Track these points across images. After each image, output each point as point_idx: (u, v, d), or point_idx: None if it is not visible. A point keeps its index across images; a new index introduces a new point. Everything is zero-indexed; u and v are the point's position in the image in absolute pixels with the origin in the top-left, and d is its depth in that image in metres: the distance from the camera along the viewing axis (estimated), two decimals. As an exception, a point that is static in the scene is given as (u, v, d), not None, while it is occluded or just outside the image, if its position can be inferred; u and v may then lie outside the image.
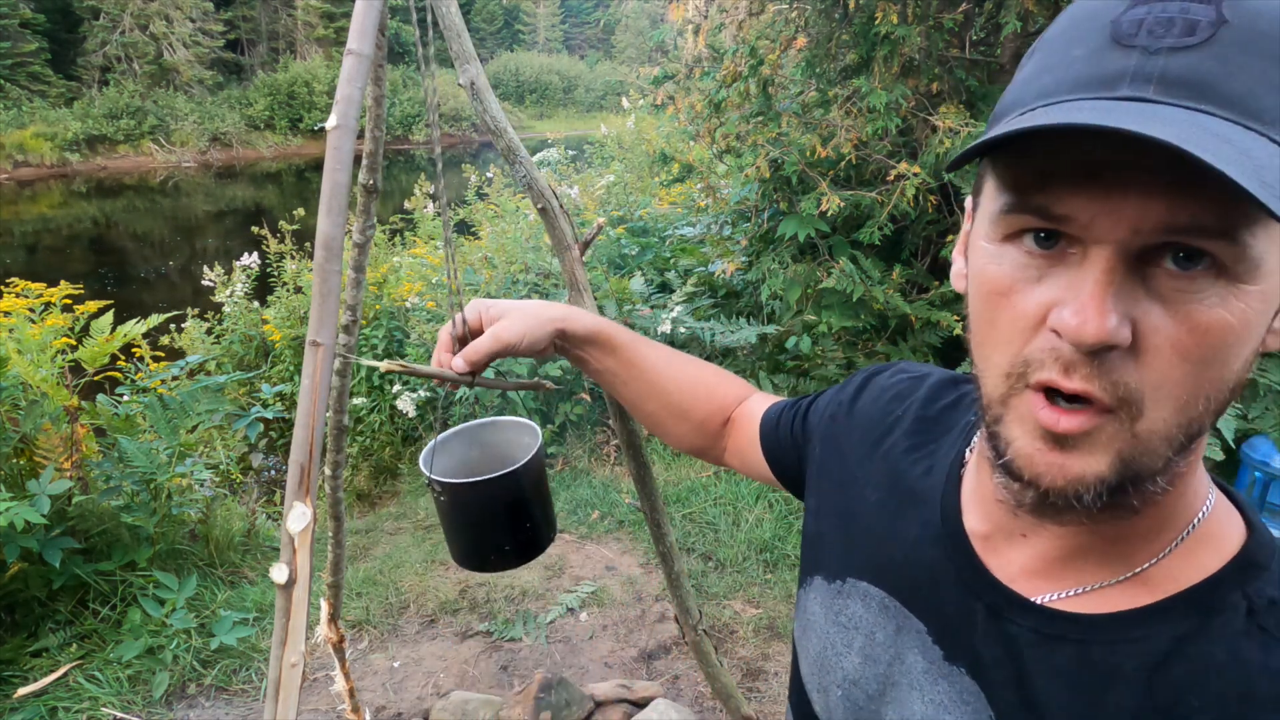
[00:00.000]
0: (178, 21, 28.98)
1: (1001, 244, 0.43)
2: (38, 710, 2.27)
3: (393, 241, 5.97)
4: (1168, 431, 0.41)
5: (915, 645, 0.55)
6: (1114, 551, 0.48)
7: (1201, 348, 0.39)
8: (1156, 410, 0.40)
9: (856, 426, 0.68)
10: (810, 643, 0.64)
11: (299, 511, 0.82)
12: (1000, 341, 0.44)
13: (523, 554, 1.21)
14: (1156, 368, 0.39)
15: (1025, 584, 0.50)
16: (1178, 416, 0.40)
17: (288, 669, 0.81)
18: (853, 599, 0.61)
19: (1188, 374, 0.39)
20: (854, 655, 0.59)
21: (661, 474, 3.87)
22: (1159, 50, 0.37)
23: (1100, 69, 0.39)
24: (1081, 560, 0.49)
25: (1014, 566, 0.51)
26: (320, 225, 0.84)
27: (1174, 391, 0.40)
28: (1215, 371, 0.39)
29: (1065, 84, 0.40)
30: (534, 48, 47.26)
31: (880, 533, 0.61)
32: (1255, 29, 0.37)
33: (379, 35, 1.03)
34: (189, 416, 2.84)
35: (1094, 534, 0.48)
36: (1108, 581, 0.48)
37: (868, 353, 3.60)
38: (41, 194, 20.56)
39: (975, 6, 3.20)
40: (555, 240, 1.18)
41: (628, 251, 5.02)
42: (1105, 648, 0.46)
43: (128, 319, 2.98)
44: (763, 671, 2.59)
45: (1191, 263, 0.38)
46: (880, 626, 0.58)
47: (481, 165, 7.01)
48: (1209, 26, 0.37)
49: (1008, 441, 0.44)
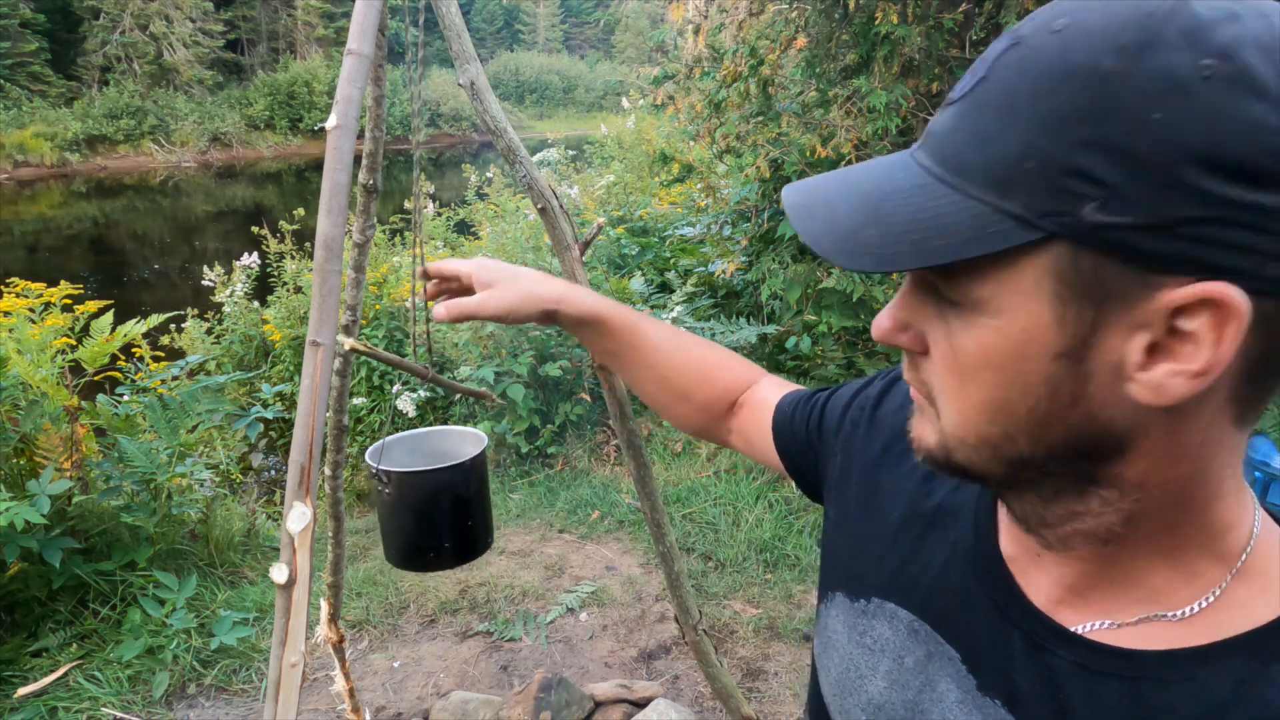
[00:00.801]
0: (178, 21, 28.99)
1: None
2: (38, 710, 2.27)
3: (393, 241, 5.97)
4: (963, 436, 0.45)
5: (948, 673, 0.53)
6: (1127, 582, 0.47)
7: (956, 364, 0.43)
8: (945, 413, 0.45)
9: (878, 436, 0.66)
10: (832, 662, 0.62)
11: (299, 511, 0.82)
12: None
13: (461, 554, 1.24)
14: (935, 374, 0.45)
15: (1060, 612, 0.49)
16: (965, 427, 0.44)
17: (288, 669, 0.81)
18: (879, 620, 0.59)
19: (956, 386, 0.44)
20: (879, 680, 0.57)
21: (661, 474, 3.87)
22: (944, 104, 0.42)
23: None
24: (1098, 590, 0.48)
25: (1042, 594, 0.50)
26: (320, 225, 0.84)
27: (952, 401, 0.44)
28: (977, 391, 0.43)
29: None
30: (534, 48, 47.26)
31: (907, 552, 0.59)
32: (1000, 84, 0.38)
33: (379, 35, 1.04)
34: (189, 416, 2.84)
35: (1086, 561, 0.47)
36: (1150, 616, 0.46)
37: (868, 353, 3.60)
38: (41, 194, 20.57)
39: (975, 6, 3.21)
40: (555, 240, 1.18)
41: (628, 251, 5.02)
42: (1159, 687, 0.44)
43: (128, 319, 2.98)
44: (763, 671, 2.59)
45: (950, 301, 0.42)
46: (909, 651, 0.56)
47: (481, 165, 7.01)
48: (972, 82, 0.40)
49: None
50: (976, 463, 0.45)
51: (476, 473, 1.21)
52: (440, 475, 1.17)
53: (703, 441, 3.99)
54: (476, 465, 1.21)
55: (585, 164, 7.98)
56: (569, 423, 4.18)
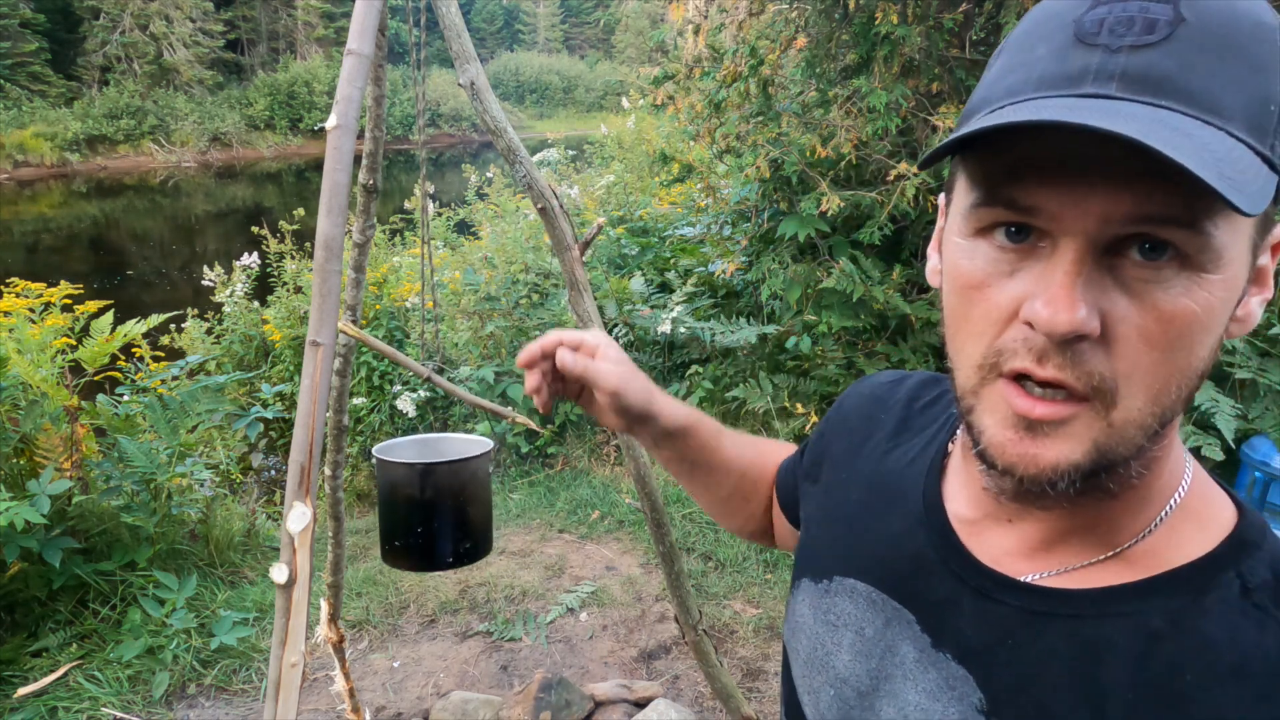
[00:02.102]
0: (178, 21, 28.99)
1: (974, 239, 0.45)
2: (38, 710, 2.27)
3: (393, 241, 5.97)
4: (1142, 420, 0.42)
5: (906, 636, 0.54)
6: (1096, 532, 0.48)
7: (1168, 336, 0.40)
8: (1130, 399, 0.41)
9: (841, 434, 0.69)
10: (800, 644, 0.64)
11: (299, 511, 0.82)
12: (974, 334, 0.45)
13: (460, 556, 1.27)
14: (1126, 356, 0.40)
15: (1010, 566, 0.51)
16: (1152, 405, 0.41)
17: (288, 669, 0.81)
18: (840, 596, 0.60)
19: (1157, 362, 0.40)
20: (844, 653, 0.59)
21: (662, 474, 3.87)
22: (1120, 48, 0.39)
23: (1064, 67, 0.40)
24: (1064, 542, 0.49)
25: (998, 550, 0.52)
26: (320, 225, 0.84)
27: (1145, 380, 0.41)
28: (1182, 359, 0.41)
29: (1031, 82, 0.41)
30: (534, 48, 47.27)
31: (864, 528, 0.61)
32: (1211, 27, 0.38)
33: (379, 35, 1.04)
34: (189, 416, 2.84)
35: (1074, 516, 0.48)
36: (1092, 560, 0.48)
37: (868, 353, 3.60)
38: (41, 194, 20.57)
39: (975, 6, 3.20)
40: (555, 240, 1.18)
41: (628, 251, 5.02)
42: (1096, 622, 0.46)
43: (128, 319, 2.98)
44: (763, 671, 2.59)
45: (1157, 253, 0.39)
46: (869, 621, 0.57)
47: (481, 165, 7.01)
48: (1167, 25, 0.38)
49: (980, 430, 0.45)
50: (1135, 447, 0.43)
51: (479, 472, 1.23)
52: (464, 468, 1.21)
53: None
54: (479, 465, 1.23)
55: (585, 164, 7.98)
56: (569, 423, 4.18)
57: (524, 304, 4.31)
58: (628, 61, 35.52)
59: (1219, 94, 0.38)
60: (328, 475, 1.55)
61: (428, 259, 1.11)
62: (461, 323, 4.28)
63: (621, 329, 4.37)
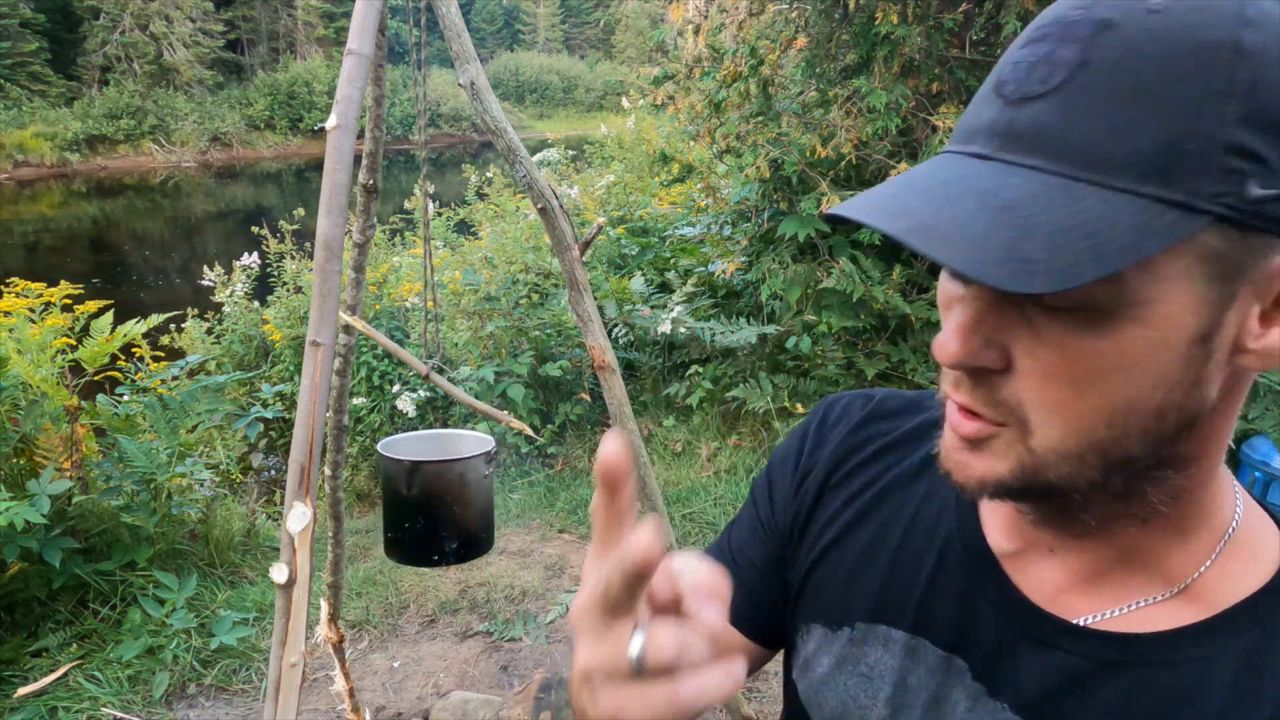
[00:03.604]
0: (178, 21, 28.99)
1: None
2: (38, 710, 2.27)
3: (393, 241, 5.96)
4: (1065, 449, 0.41)
5: (955, 684, 0.51)
6: (1142, 562, 0.47)
7: (1071, 373, 0.39)
8: (1045, 429, 0.41)
9: (820, 468, 0.63)
10: (825, 699, 0.58)
11: (299, 511, 0.82)
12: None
13: (473, 547, 1.32)
14: (1031, 388, 0.40)
15: (1064, 604, 0.49)
16: (1074, 437, 0.41)
17: (288, 669, 0.81)
18: (871, 646, 0.56)
19: (1066, 396, 0.40)
20: (881, 707, 0.55)
21: (661, 474, 3.87)
22: (1016, 99, 0.38)
23: (975, 119, 0.41)
24: (1113, 574, 0.47)
25: (1049, 586, 0.49)
26: (320, 225, 0.84)
27: (1058, 411, 0.40)
28: (1098, 396, 0.39)
29: (958, 132, 0.42)
30: (534, 48, 47.27)
31: (886, 570, 0.56)
32: (1121, 67, 0.36)
33: (379, 35, 1.04)
34: (189, 416, 2.84)
35: (1112, 544, 0.47)
36: (1150, 599, 0.47)
37: (868, 353, 3.60)
38: (41, 194, 20.56)
39: (975, 6, 3.20)
40: (555, 240, 1.18)
41: (628, 251, 5.02)
42: (1170, 669, 0.44)
43: (128, 319, 2.98)
44: (763, 672, 2.59)
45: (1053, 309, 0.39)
46: (910, 671, 0.53)
47: (481, 165, 7.01)
48: (1064, 71, 0.37)
49: (940, 440, 0.47)
50: (1072, 476, 0.42)
51: (468, 473, 1.27)
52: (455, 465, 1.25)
53: (703, 441, 3.99)
54: (470, 466, 1.27)
55: (585, 164, 7.98)
56: (569, 423, 4.18)
57: (524, 304, 4.31)
58: (628, 61, 35.52)
59: (1103, 144, 0.36)
60: (328, 475, 1.55)
61: (428, 258, 1.11)
62: (461, 323, 4.28)
63: (621, 329, 4.37)
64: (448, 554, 1.29)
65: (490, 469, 1.36)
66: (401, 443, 1.40)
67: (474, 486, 1.31)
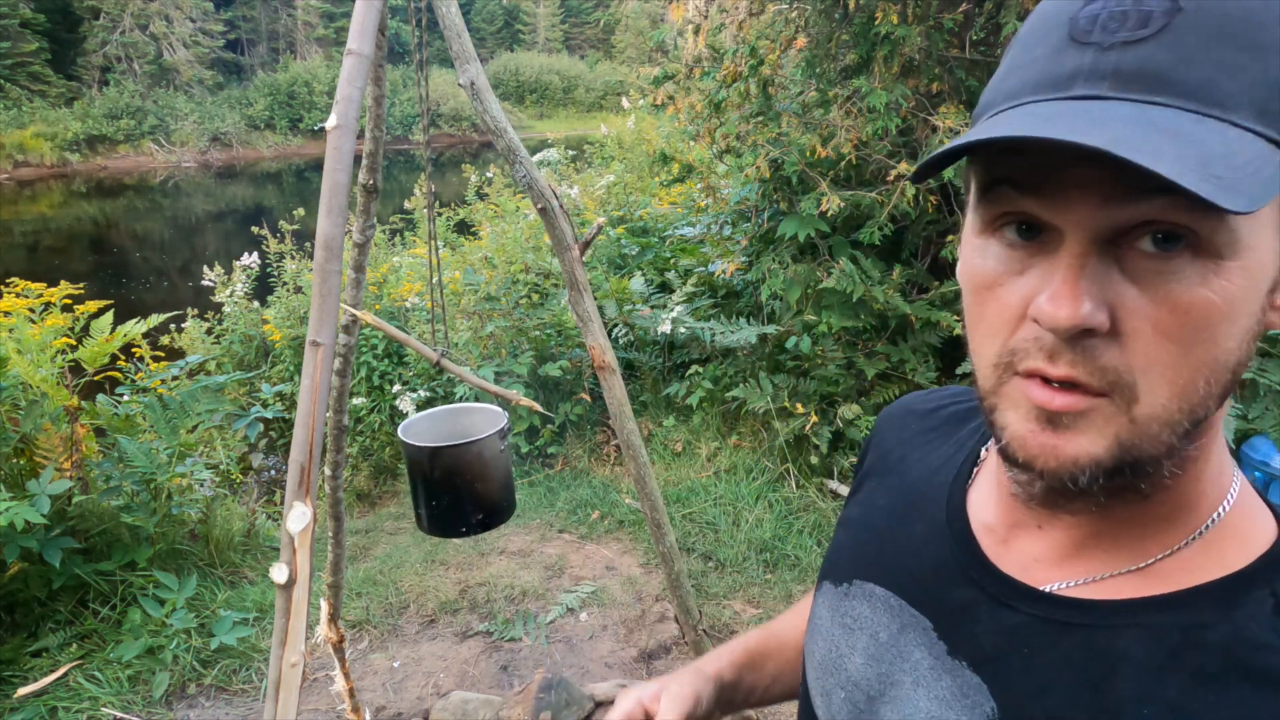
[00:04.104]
0: (178, 21, 29.00)
1: (985, 236, 0.44)
2: (38, 710, 2.27)
3: (393, 241, 5.97)
4: (1168, 416, 0.40)
5: (921, 642, 0.54)
6: (1125, 539, 0.47)
7: (1184, 328, 0.38)
8: (1152, 394, 0.40)
9: (876, 447, 0.70)
10: (817, 646, 0.63)
11: (299, 511, 0.82)
12: (989, 334, 0.44)
13: (494, 517, 1.50)
14: (1141, 350, 0.39)
15: (1037, 574, 0.50)
16: (1177, 400, 0.40)
17: (288, 669, 0.81)
18: (858, 600, 0.60)
19: (1175, 355, 0.39)
20: (857, 656, 0.58)
21: (661, 474, 3.87)
22: (1112, 45, 0.38)
23: (1057, 69, 0.40)
24: (1093, 548, 0.48)
25: (1026, 557, 0.51)
26: (320, 225, 0.84)
27: (1165, 374, 0.39)
28: (1205, 351, 0.39)
29: (1027, 85, 0.41)
30: (534, 48, 47.25)
31: (887, 533, 0.61)
32: (1213, 12, 0.37)
33: (379, 35, 1.04)
34: (189, 416, 2.84)
35: (1105, 520, 0.47)
36: (1118, 571, 0.47)
37: (868, 353, 3.60)
38: (41, 194, 20.56)
39: (975, 6, 3.20)
40: (555, 240, 1.18)
41: (628, 251, 5.02)
42: (1111, 633, 0.45)
43: (128, 319, 2.98)
44: (763, 671, 2.59)
45: (1169, 243, 0.38)
46: (884, 626, 0.57)
47: (481, 165, 7.01)
48: (1163, 16, 0.37)
49: (1002, 427, 0.44)
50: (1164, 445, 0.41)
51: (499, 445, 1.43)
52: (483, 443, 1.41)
53: (703, 441, 3.99)
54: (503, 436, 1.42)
55: (585, 164, 7.98)
56: (569, 423, 4.18)
57: (524, 304, 4.31)
58: (628, 61, 35.49)
59: (1221, 84, 0.36)
60: (328, 475, 1.55)
61: (434, 254, 1.11)
62: (461, 323, 4.28)
63: (621, 329, 4.37)
64: (474, 525, 1.44)
65: (505, 443, 1.47)
66: (420, 422, 1.51)
67: (492, 462, 1.44)
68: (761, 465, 3.72)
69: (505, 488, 1.49)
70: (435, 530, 1.48)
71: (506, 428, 1.46)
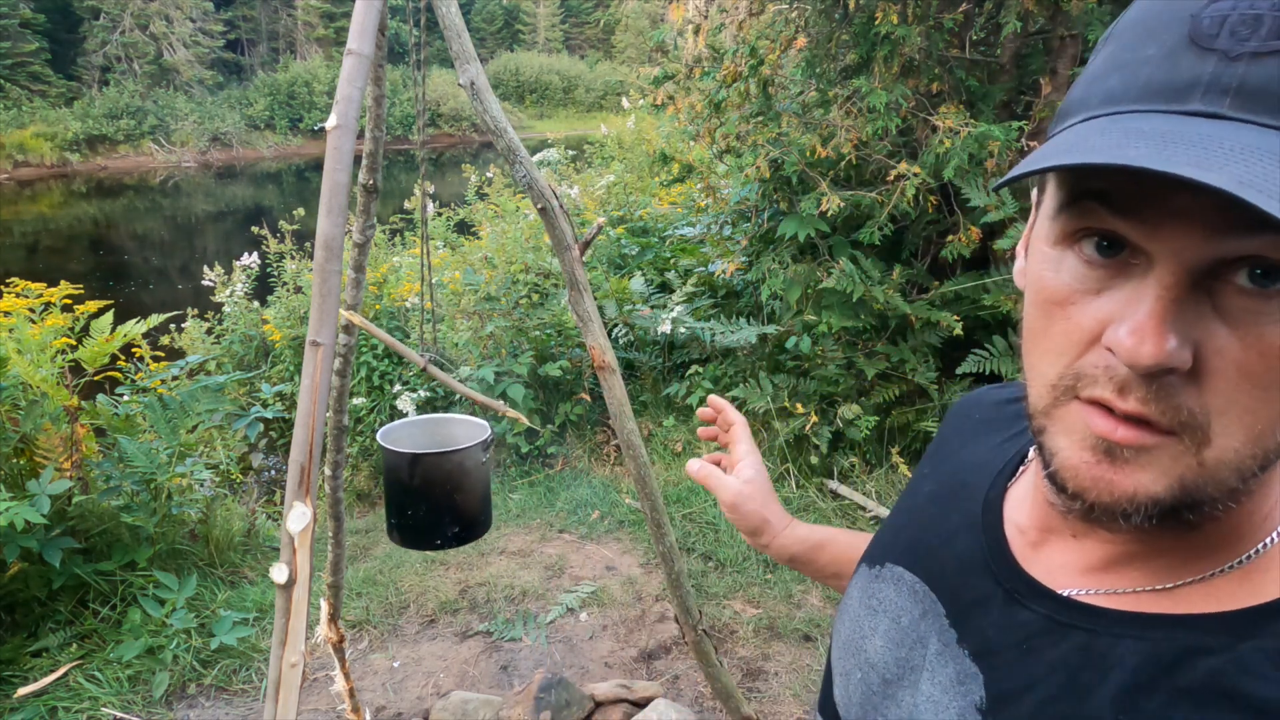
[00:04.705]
0: (178, 21, 29.01)
1: (1061, 248, 0.41)
2: (38, 710, 2.27)
3: (393, 241, 5.97)
4: (1239, 461, 0.38)
5: (935, 628, 0.54)
6: (1160, 561, 0.45)
7: (1273, 372, 0.35)
8: (1225, 438, 0.37)
9: (939, 437, 0.71)
10: (843, 626, 0.63)
11: (299, 511, 0.82)
12: (1051, 351, 0.41)
13: (470, 531, 1.43)
14: (1221, 392, 0.36)
15: (1060, 579, 0.49)
16: (1251, 446, 0.37)
17: (288, 669, 0.81)
18: (886, 583, 0.60)
19: (1258, 400, 0.36)
20: (878, 638, 0.58)
21: (661, 474, 3.87)
22: (1241, 55, 0.34)
23: (1173, 75, 0.36)
24: (1124, 565, 0.47)
25: (1054, 563, 0.50)
26: (320, 225, 0.84)
27: (1243, 418, 0.37)
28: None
29: (1134, 90, 0.37)
30: (534, 48, 47.25)
31: (925, 519, 0.61)
32: None
33: (379, 35, 1.04)
34: (189, 416, 2.84)
35: (1143, 543, 0.46)
36: (1143, 588, 0.45)
37: (868, 353, 3.60)
38: (41, 194, 20.56)
39: (975, 6, 3.20)
40: (555, 240, 1.18)
41: (628, 251, 5.02)
42: (1111, 641, 0.44)
43: (128, 319, 2.98)
44: (763, 671, 2.59)
45: (1268, 280, 0.35)
46: (906, 611, 0.57)
47: (481, 165, 7.01)
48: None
49: (1053, 452, 0.42)
50: (1225, 489, 0.39)
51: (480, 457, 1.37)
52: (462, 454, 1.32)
53: (703, 442, 3.99)
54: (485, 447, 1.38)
55: (585, 164, 7.98)
56: (569, 423, 4.18)
57: (524, 304, 4.31)
58: (628, 61, 35.53)
59: None
60: (328, 475, 1.55)
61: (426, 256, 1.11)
62: (461, 323, 4.28)
63: (621, 329, 4.37)
64: (449, 538, 1.37)
65: (487, 456, 1.41)
66: (400, 429, 1.45)
67: (472, 474, 1.37)
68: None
69: (483, 501, 1.42)
70: (407, 542, 1.40)
71: (489, 440, 1.40)
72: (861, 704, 0.58)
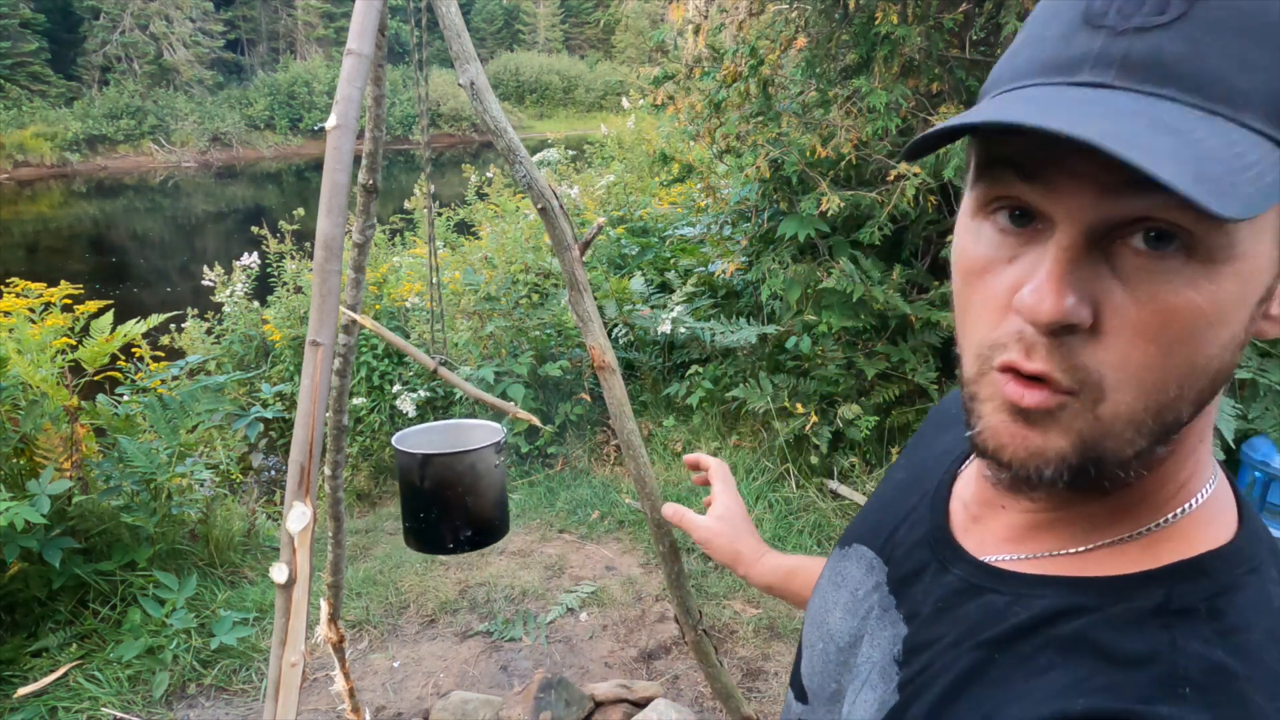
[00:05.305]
0: (178, 21, 29.01)
1: (979, 219, 0.43)
2: (38, 710, 2.27)
3: (393, 241, 5.96)
4: (1133, 415, 0.40)
5: (878, 595, 0.58)
6: (1076, 525, 0.48)
7: (1167, 331, 0.38)
8: (1119, 394, 0.39)
9: (920, 429, 0.73)
10: (813, 603, 0.67)
11: (299, 511, 0.82)
12: (975, 323, 0.44)
13: (486, 534, 1.42)
14: (1117, 349, 0.38)
15: (988, 548, 0.52)
16: (1143, 400, 0.39)
17: (288, 669, 0.81)
18: (850, 560, 0.64)
19: (1151, 357, 0.38)
20: (838, 610, 0.62)
21: (661, 474, 3.87)
22: (1125, 31, 0.36)
23: (1066, 51, 0.38)
24: (1044, 530, 0.49)
25: (986, 533, 0.53)
26: (320, 225, 0.84)
27: (1137, 374, 0.39)
28: (1183, 356, 0.38)
29: (1035, 65, 0.40)
30: (534, 48, 47.24)
31: (890, 503, 0.64)
32: (1236, 5, 0.35)
33: (379, 35, 1.04)
34: (189, 416, 2.84)
35: (1061, 508, 0.48)
36: (1058, 551, 0.48)
37: (868, 353, 3.60)
38: (41, 194, 20.56)
39: (975, 6, 3.20)
40: (555, 240, 1.18)
41: (628, 251, 5.02)
42: (1011, 599, 0.47)
43: (128, 319, 2.98)
44: (763, 671, 2.59)
45: (1162, 242, 0.37)
46: (862, 583, 0.60)
47: (481, 165, 7.01)
48: (1181, 3, 0.35)
49: (978, 417, 0.44)
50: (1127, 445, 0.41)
51: (494, 458, 1.36)
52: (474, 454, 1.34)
53: (703, 441, 3.99)
54: (497, 449, 1.36)
55: (585, 164, 7.97)
56: (569, 423, 4.18)
57: (524, 304, 4.31)
58: (628, 61, 35.49)
59: (1234, 80, 0.35)
60: (328, 475, 1.55)
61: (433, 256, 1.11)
62: (461, 323, 4.28)
63: (621, 329, 4.37)
64: (462, 542, 1.36)
65: (501, 458, 1.40)
66: (415, 435, 1.44)
67: (485, 476, 1.36)
68: (761, 465, 3.72)
69: (498, 505, 1.40)
70: (421, 545, 1.38)
71: (502, 441, 1.39)
72: (822, 672, 0.61)
